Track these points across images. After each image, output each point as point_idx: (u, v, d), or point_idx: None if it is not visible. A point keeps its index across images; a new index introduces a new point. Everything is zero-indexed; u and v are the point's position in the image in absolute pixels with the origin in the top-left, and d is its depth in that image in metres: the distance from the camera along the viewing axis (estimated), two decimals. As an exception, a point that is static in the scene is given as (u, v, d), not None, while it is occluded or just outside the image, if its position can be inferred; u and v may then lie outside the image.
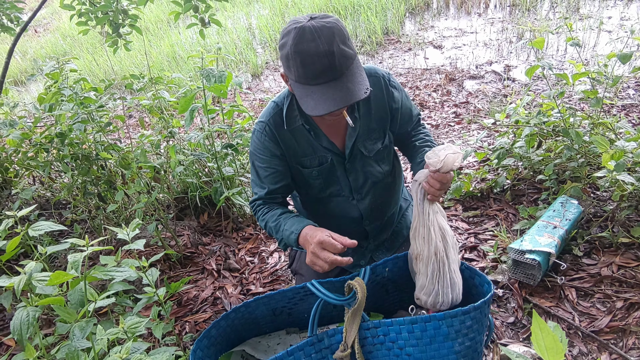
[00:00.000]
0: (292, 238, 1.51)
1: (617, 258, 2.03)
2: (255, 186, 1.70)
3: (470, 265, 1.49)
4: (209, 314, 2.18)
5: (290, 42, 1.30)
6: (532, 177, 2.64)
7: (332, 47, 1.28)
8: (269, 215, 1.64)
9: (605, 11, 5.42)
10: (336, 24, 1.31)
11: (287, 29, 1.34)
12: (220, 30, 7.18)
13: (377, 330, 1.31)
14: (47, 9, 12.48)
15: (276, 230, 1.60)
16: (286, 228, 1.54)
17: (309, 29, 1.28)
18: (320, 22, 1.30)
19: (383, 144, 1.71)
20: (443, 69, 5.00)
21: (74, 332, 1.14)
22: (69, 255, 1.20)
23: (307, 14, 1.36)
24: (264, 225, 1.67)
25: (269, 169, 1.63)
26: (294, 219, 1.57)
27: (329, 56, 1.28)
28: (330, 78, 1.32)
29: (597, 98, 2.32)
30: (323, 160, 1.65)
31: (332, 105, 1.31)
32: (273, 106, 1.62)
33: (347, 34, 1.34)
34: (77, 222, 2.97)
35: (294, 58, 1.31)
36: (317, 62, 1.29)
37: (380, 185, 1.77)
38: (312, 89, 1.34)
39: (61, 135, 2.51)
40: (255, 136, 1.63)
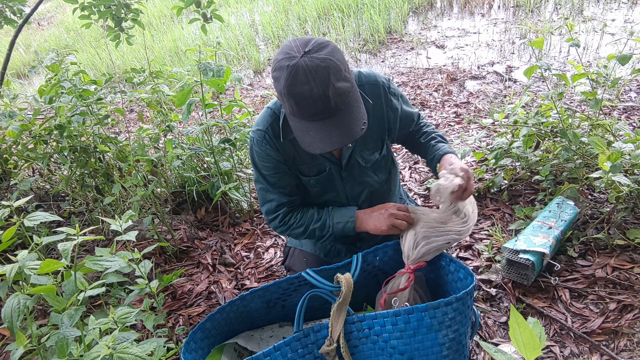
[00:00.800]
0: (350, 226, 1.60)
1: (612, 260, 2.03)
2: (267, 193, 1.66)
3: (455, 259, 1.50)
4: (203, 308, 2.18)
5: (283, 82, 1.25)
6: (530, 178, 2.63)
7: (327, 90, 1.23)
8: (306, 218, 1.66)
9: (609, 13, 5.40)
10: (331, 59, 1.25)
11: (279, 62, 1.27)
12: (223, 26, 7.18)
13: (362, 324, 1.32)
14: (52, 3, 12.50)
15: (321, 229, 1.63)
16: (337, 220, 1.61)
17: (302, 69, 1.22)
18: (315, 60, 1.23)
19: (381, 154, 1.70)
20: (445, 68, 4.99)
21: (63, 320, 1.15)
22: (59, 245, 1.20)
23: (300, 41, 1.29)
24: (302, 231, 1.66)
25: (277, 174, 1.62)
26: (336, 210, 1.64)
27: (324, 100, 1.24)
28: (326, 116, 1.29)
29: (596, 99, 2.32)
30: (322, 169, 1.64)
31: (329, 146, 1.30)
32: (270, 113, 1.58)
33: (343, 65, 1.29)
34: (75, 214, 2.98)
35: (287, 97, 1.27)
36: (312, 105, 1.26)
37: (377, 193, 1.78)
38: (308, 124, 1.32)
39: (60, 128, 2.52)
40: (255, 145, 1.60)
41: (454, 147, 3.29)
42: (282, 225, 1.68)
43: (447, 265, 1.53)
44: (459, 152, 2.65)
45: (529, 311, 1.90)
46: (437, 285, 1.61)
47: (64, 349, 1.16)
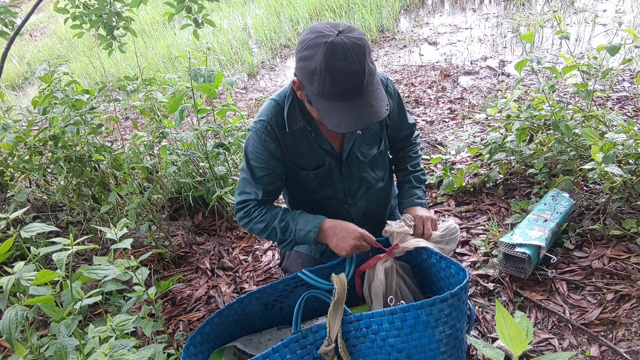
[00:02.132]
0: (311, 236, 1.54)
1: (608, 250, 2.04)
2: (247, 185, 1.65)
3: (445, 256, 1.51)
4: (203, 313, 2.19)
5: (320, 59, 1.25)
6: (524, 171, 2.64)
7: (364, 66, 1.26)
8: (269, 216, 1.61)
9: (600, 4, 5.41)
10: (365, 40, 1.29)
11: (311, 40, 1.28)
12: (216, 31, 7.18)
13: (359, 323, 1.33)
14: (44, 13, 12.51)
15: (283, 231, 1.58)
16: (300, 227, 1.55)
17: (341, 46, 1.24)
18: (351, 39, 1.25)
19: (379, 149, 1.71)
20: (438, 65, 5.00)
21: (60, 330, 1.15)
22: (53, 255, 1.21)
23: (329, 23, 1.31)
24: (263, 228, 1.62)
25: (265, 170, 1.60)
26: (303, 216, 1.58)
27: (360, 76, 1.27)
28: (356, 95, 1.31)
29: (588, 90, 2.32)
30: (320, 163, 1.64)
31: (358, 124, 1.31)
32: (274, 105, 1.58)
33: (371, 49, 1.34)
34: (73, 224, 2.99)
35: (322, 75, 1.27)
36: (348, 81, 1.27)
37: (374, 190, 1.78)
38: (337, 104, 1.32)
39: (54, 138, 2.53)
40: (255, 135, 1.58)
41: (448, 143, 3.30)
42: (245, 217, 1.65)
43: (437, 262, 1.54)
44: (454, 148, 2.66)
45: (527, 304, 1.90)
46: (430, 283, 1.62)
47: (63, 359, 1.16)
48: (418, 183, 1.82)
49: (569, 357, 0.69)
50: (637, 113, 3.17)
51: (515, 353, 0.60)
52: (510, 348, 0.61)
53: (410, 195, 1.77)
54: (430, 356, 1.30)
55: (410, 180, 1.81)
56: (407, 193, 1.78)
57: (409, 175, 1.83)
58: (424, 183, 1.86)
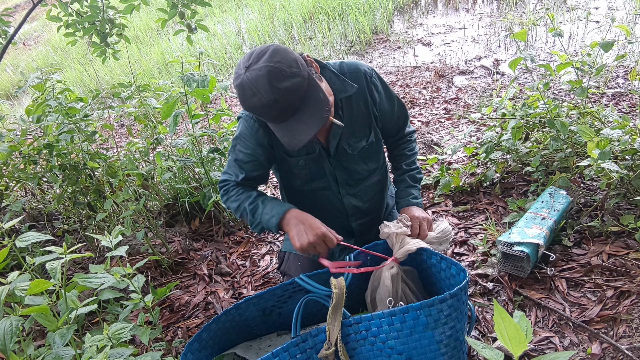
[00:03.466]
0: (273, 222, 1.54)
1: (607, 247, 2.03)
2: (230, 167, 1.69)
3: (446, 256, 1.50)
4: (201, 319, 2.17)
5: (240, 101, 1.36)
6: (521, 170, 2.64)
7: (273, 95, 1.28)
8: (244, 196, 1.63)
9: (592, 1, 5.43)
10: (269, 65, 1.28)
11: (233, 83, 1.37)
12: (210, 36, 7.18)
13: (358, 326, 1.32)
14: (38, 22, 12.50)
15: (252, 213, 1.60)
16: (266, 212, 1.56)
17: (246, 84, 1.30)
18: (253, 72, 1.28)
19: (368, 141, 1.71)
20: (432, 66, 5.00)
21: (55, 340, 1.14)
22: (47, 264, 1.19)
23: (246, 56, 1.34)
24: (236, 207, 1.64)
25: (250, 156, 1.63)
26: (273, 201, 1.59)
27: (274, 104, 1.30)
28: (288, 116, 1.35)
29: (582, 87, 2.33)
30: (310, 149, 1.65)
31: (303, 138, 1.35)
32: None
33: (285, 64, 1.30)
34: (69, 233, 2.97)
35: (249, 111, 1.38)
36: (267, 111, 1.33)
37: (367, 182, 1.78)
38: (275, 126, 1.39)
39: (49, 146, 2.51)
40: (244, 121, 1.62)
41: (444, 143, 3.30)
42: (225, 195, 1.69)
43: (438, 263, 1.53)
44: (450, 148, 2.66)
45: (526, 303, 1.89)
46: (430, 284, 1.61)
47: (59, 369, 1.15)
48: (414, 182, 1.83)
49: (569, 357, 0.68)
50: (632, 109, 3.18)
51: (515, 354, 0.60)
52: (509, 349, 0.60)
53: (406, 195, 1.77)
54: (430, 357, 1.29)
55: (406, 180, 1.82)
56: (402, 193, 1.79)
57: (404, 175, 1.83)
58: (420, 182, 1.86)
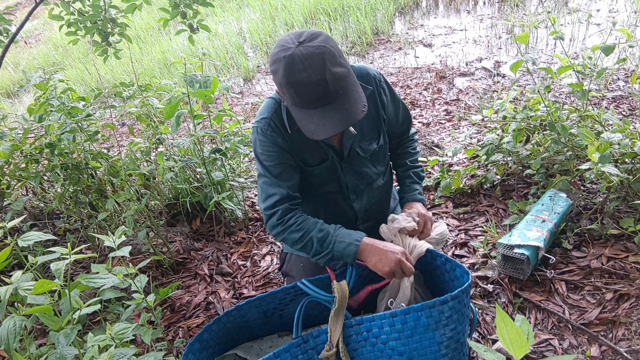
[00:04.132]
0: (352, 249, 1.48)
1: (606, 250, 2.04)
2: (269, 187, 1.58)
3: (451, 258, 1.51)
4: (202, 319, 2.18)
5: (282, 73, 1.30)
6: (521, 172, 2.65)
7: (324, 74, 1.27)
8: (308, 225, 1.54)
9: (593, 4, 5.43)
10: (325, 46, 1.29)
11: (276, 55, 1.32)
12: (211, 36, 7.18)
13: (360, 327, 1.33)
14: (39, 20, 12.50)
15: (321, 242, 1.52)
16: (340, 239, 1.50)
17: (299, 57, 1.26)
18: (309, 48, 1.27)
19: (378, 144, 1.72)
20: (433, 67, 5.01)
21: (59, 340, 1.15)
22: (51, 265, 1.20)
23: (294, 34, 1.33)
24: (299, 237, 1.54)
25: (281, 165, 1.57)
26: (342, 229, 1.54)
27: (322, 84, 1.28)
28: (326, 102, 1.32)
29: (583, 90, 2.33)
30: (324, 157, 1.64)
31: (332, 130, 1.32)
32: (273, 102, 1.59)
33: (337, 52, 1.32)
34: (70, 232, 2.98)
35: (287, 87, 1.31)
36: (312, 91, 1.29)
37: (375, 185, 1.78)
38: (310, 112, 1.34)
39: (50, 146, 2.52)
40: (259, 134, 1.57)
41: (445, 144, 3.30)
42: (280, 225, 1.56)
43: (442, 265, 1.54)
44: (450, 150, 2.66)
45: (526, 305, 1.90)
46: (434, 285, 1.62)
47: (62, 369, 1.16)
48: (418, 179, 1.83)
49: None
50: (632, 112, 3.19)
51: (517, 357, 0.60)
52: (511, 352, 0.61)
53: (411, 190, 1.78)
54: (431, 359, 1.30)
55: (411, 176, 1.82)
56: (408, 188, 1.79)
57: (409, 171, 1.83)
58: (423, 180, 1.87)
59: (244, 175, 3.18)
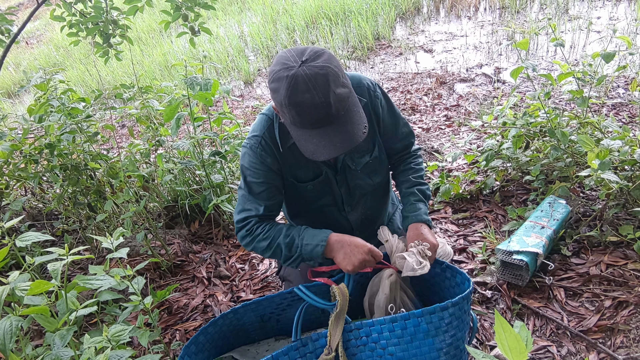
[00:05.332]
0: (319, 251, 1.47)
1: (605, 257, 2.04)
2: (246, 202, 1.59)
3: (451, 265, 1.50)
4: (199, 322, 2.17)
5: (284, 93, 1.25)
6: (521, 178, 2.65)
7: (328, 96, 1.24)
8: (273, 232, 1.54)
9: (594, 12, 5.45)
10: (329, 66, 1.25)
11: (277, 73, 1.27)
12: (212, 38, 7.20)
13: (359, 331, 1.32)
14: (40, 21, 12.52)
15: (288, 247, 1.52)
16: (306, 242, 1.49)
17: (302, 78, 1.22)
18: (313, 69, 1.23)
19: (372, 156, 1.68)
20: (434, 72, 5.02)
21: (55, 341, 1.14)
22: (48, 265, 1.20)
23: (296, 51, 1.29)
24: (267, 245, 1.54)
25: (264, 184, 1.56)
26: (308, 231, 1.52)
27: (326, 106, 1.24)
28: (327, 123, 1.29)
29: (583, 97, 2.34)
30: (317, 173, 1.62)
31: (333, 152, 1.30)
32: (265, 119, 1.56)
33: (340, 72, 1.28)
34: (69, 233, 2.97)
35: (288, 108, 1.27)
36: (314, 113, 1.25)
37: (370, 196, 1.76)
38: (310, 132, 1.31)
39: (50, 146, 2.52)
40: (249, 150, 1.55)
41: (445, 150, 3.31)
42: (248, 236, 1.57)
43: (443, 271, 1.54)
44: (450, 155, 2.66)
45: (525, 311, 1.90)
46: (433, 292, 1.61)
47: (58, 370, 1.15)
48: (424, 197, 1.72)
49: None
50: (632, 119, 3.19)
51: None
52: (509, 358, 0.61)
53: (416, 209, 1.66)
54: (429, 365, 1.29)
55: (416, 194, 1.71)
56: (412, 207, 1.68)
57: (413, 188, 1.73)
58: (429, 199, 1.76)
59: (243, 178, 3.17)
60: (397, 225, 1.90)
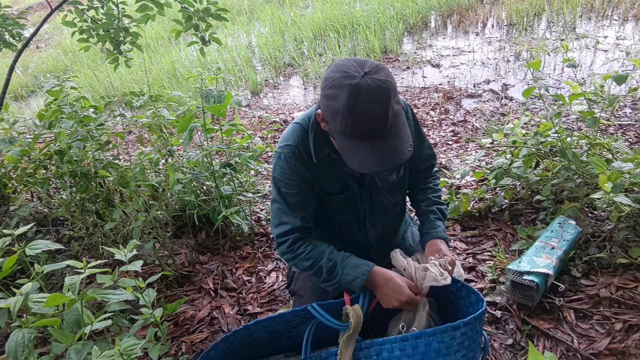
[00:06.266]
0: (358, 283, 1.48)
1: (615, 279, 2.03)
2: (282, 215, 1.58)
3: (466, 284, 1.50)
4: (206, 334, 2.16)
5: (344, 101, 1.24)
6: (530, 197, 2.64)
7: (387, 110, 1.24)
8: (317, 253, 1.55)
9: (601, 30, 5.48)
10: (390, 81, 1.26)
11: (337, 80, 1.27)
12: (221, 48, 7.23)
13: (369, 350, 1.32)
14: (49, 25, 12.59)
15: (329, 272, 1.52)
16: (347, 272, 1.49)
17: (365, 89, 1.22)
18: (376, 81, 1.23)
19: (398, 175, 1.69)
20: (441, 87, 5.03)
21: (70, 356, 1.13)
22: (66, 278, 1.19)
23: (356, 62, 1.29)
24: (309, 265, 1.55)
25: (299, 195, 1.56)
26: (351, 259, 1.53)
27: (383, 119, 1.25)
28: (378, 136, 1.29)
29: (594, 118, 2.33)
30: (345, 187, 1.62)
31: (379, 165, 1.31)
32: (299, 129, 1.55)
33: (396, 88, 1.30)
34: (75, 239, 2.96)
35: (345, 116, 1.26)
36: (371, 124, 1.26)
37: (390, 214, 1.77)
38: (359, 144, 1.31)
39: (60, 153, 2.52)
40: (282, 160, 1.54)
41: (453, 167, 3.31)
42: (289, 253, 1.58)
43: (458, 290, 1.53)
44: (459, 172, 2.66)
45: (534, 333, 1.89)
46: (447, 311, 1.60)
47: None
48: (442, 216, 1.75)
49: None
50: (639, 139, 3.20)
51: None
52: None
53: (435, 227, 1.69)
54: (441, 386, 1.28)
55: (435, 212, 1.74)
56: (432, 224, 1.70)
57: (433, 206, 1.76)
58: (446, 219, 1.79)
59: (251, 189, 3.18)
60: (408, 243, 1.90)
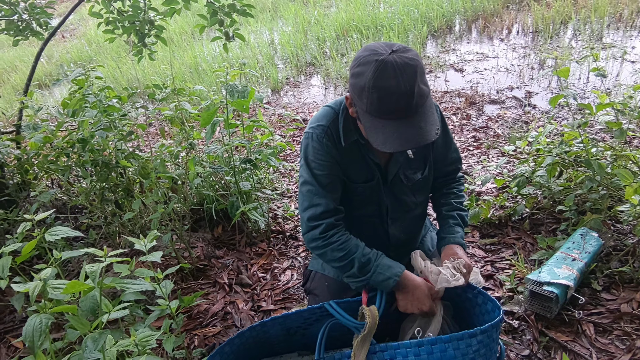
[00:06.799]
0: (390, 284, 1.46)
1: (637, 294, 1.98)
2: (314, 197, 1.52)
3: (483, 291, 1.48)
4: (219, 329, 2.16)
5: (370, 75, 1.25)
6: (552, 207, 2.60)
7: (413, 86, 1.24)
8: (351, 246, 1.50)
9: (629, 41, 5.38)
10: (418, 60, 1.26)
11: (364, 57, 1.28)
12: (243, 45, 7.25)
13: (383, 354, 1.31)
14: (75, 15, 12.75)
15: (361, 268, 1.48)
16: (380, 271, 1.47)
17: (391, 64, 1.23)
18: (403, 58, 1.24)
19: (423, 174, 1.68)
20: (463, 92, 4.98)
21: (87, 344, 1.13)
22: (86, 265, 1.19)
23: (384, 43, 1.31)
24: (341, 256, 1.49)
25: (331, 176, 1.53)
26: (383, 259, 1.51)
27: (409, 96, 1.24)
28: (404, 115, 1.28)
29: (622, 130, 2.29)
30: (370, 177, 1.60)
31: (404, 144, 1.29)
32: (331, 112, 1.55)
33: (424, 71, 1.30)
34: (93, 228, 2.99)
35: (370, 92, 1.26)
36: (396, 101, 1.25)
37: (411, 214, 1.75)
38: (384, 122, 1.30)
39: (83, 141, 2.54)
40: (315, 141, 1.52)
41: (474, 173, 3.27)
42: (321, 239, 1.50)
43: (475, 297, 1.51)
44: (480, 179, 2.63)
45: (552, 345, 1.85)
46: (463, 318, 1.58)
47: (87, 373, 1.14)
48: (462, 222, 1.73)
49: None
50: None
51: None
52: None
53: (453, 232, 1.68)
54: (456, 394, 1.26)
55: (455, 217, 1.72)
56: (450, 229, 1.69)
57: (454, 212, 1.74)
58: (466, 226, 1.77)
59: (269, 186, 3.17)
60: (427, 247, 1.88)
